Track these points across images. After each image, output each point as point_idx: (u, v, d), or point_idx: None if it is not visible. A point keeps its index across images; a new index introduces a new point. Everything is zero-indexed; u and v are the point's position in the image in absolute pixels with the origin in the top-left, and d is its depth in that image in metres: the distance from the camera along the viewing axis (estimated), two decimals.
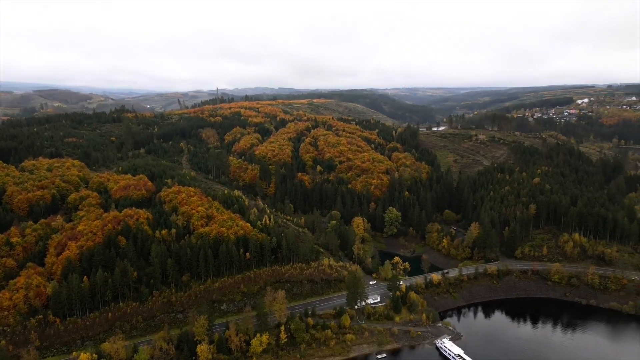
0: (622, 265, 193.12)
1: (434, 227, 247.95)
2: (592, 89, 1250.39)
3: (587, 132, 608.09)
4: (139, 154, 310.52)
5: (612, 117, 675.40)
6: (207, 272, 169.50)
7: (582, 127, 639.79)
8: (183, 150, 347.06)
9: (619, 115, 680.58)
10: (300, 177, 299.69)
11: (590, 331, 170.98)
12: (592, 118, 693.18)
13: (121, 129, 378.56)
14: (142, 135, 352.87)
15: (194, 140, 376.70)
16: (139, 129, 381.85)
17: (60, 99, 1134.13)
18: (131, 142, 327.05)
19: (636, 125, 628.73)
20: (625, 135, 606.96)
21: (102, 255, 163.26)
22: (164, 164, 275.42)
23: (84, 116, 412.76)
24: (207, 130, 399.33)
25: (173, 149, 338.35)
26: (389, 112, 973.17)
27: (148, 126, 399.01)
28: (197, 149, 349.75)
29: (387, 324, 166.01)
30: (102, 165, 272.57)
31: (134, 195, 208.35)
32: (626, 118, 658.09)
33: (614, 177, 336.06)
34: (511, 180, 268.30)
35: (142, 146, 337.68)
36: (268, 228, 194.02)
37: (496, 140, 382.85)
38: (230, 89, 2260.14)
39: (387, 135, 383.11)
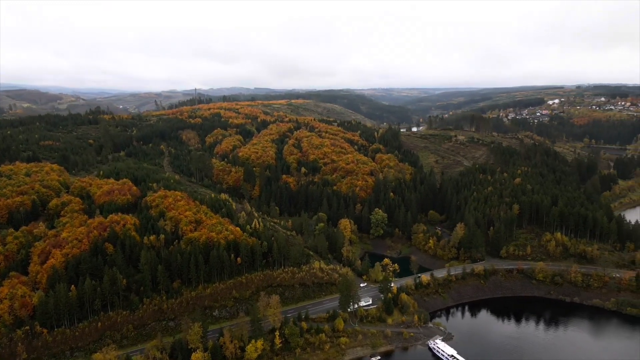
0: (603, 263, 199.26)
1: (420, 227, 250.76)
2: (562, 90, 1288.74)
3: (560, 132, 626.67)
4: (119, 157, 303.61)
5: (582, 118, 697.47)
6: (198, 278, 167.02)
7: (555, 127, 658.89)
8: (164, 153, 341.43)
9: (589, 115, 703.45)
10: (285, 179, 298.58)
11: (576, 328, 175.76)
12: (564, 118, 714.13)
13: (98, 131, 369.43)
14: (121, 138, 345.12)
15: (175, 142, 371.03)
16: (117, 131, 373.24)
17: (29, 100, 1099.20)
18: (110, 145, 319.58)
19: (606, 125, 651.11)
20: (596, 135, 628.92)
21: (90, 263, 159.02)
22: (147, 168, 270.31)
23: (58, 118, 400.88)
24: (188, 132, 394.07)
25: (153, 152, 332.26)
26: (367, 113, 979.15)
27: (126, 128, 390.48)
28: (178, 152, 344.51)
29: (380, 326, 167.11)
30: (81, 169, 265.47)
31: (118, 200, 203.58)
32: (596, 118, 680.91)
33: (588, 176, 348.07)
34: (493, 181, 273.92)
35: (122, 149, 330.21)
36: (258, 232, 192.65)
37: (475, 141, 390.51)
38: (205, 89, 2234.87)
39: (369, 136, 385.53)
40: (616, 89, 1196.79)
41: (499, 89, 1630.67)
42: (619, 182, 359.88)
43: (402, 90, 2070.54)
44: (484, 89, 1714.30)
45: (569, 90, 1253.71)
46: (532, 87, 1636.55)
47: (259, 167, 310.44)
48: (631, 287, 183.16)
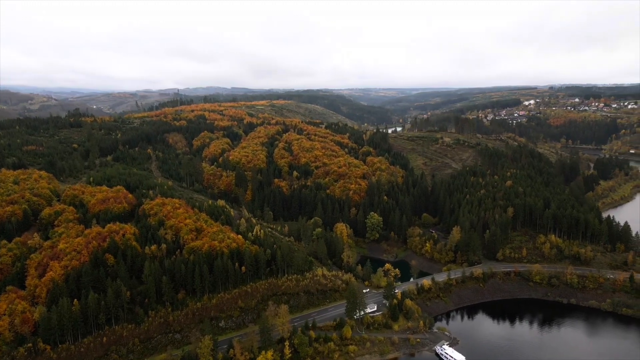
0: (597, 265, 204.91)
1: (415, 231, 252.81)
2: (536, 90, 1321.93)
3: (537, 132, 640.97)
4: (106, 162, 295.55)
5: (558, 118, 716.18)
6: (203, 289, 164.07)
7: (533, 127, 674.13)
8: (151, 157, 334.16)
9: (565, 116, 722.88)
10: (277, 183, 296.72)
11: (576, 329, 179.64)
12: (541, 119, 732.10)
13: (81, 134, 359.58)
14: (107, 142, 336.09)
15: (161, 145, 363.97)
16: (101, 134, 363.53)
17: None
18: (97, 149, 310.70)
19: (581, 125, 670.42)
20: (572, 136, 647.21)
21: (91, 275, 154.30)
22: (138, 173, 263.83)
23: (38, 121, 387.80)
24: (174, 135, 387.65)
25: (141, 156, 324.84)
26: (347, 113, 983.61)
27: (110, 131, 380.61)
28: (166, 156, 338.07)
29: (387, 333, 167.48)
30: (69, 175, 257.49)
31: (114, 208, 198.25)
32: (572, 119, 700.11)
33: (571, 177, 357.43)
34: (485, 184, 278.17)
35: (108, 153, 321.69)
36: (260, 240, 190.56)
37: (461, 142, 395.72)
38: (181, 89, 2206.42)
39: (358, 139, 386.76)
40: (587, 89, 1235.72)
41: (475, 89, 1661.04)
42: (601, 182, 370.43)
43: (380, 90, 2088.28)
44: (460, 89, 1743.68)
45: (543, 91, 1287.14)
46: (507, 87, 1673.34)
47: (250, 171, 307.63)
48: (625, 288, 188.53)
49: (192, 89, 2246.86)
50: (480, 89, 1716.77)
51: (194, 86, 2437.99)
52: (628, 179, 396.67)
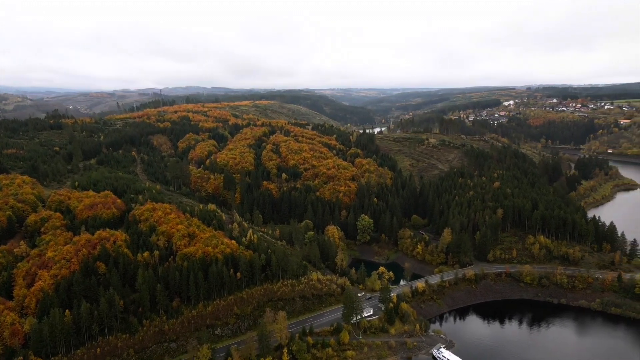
0: (585, 265, 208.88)
1: (406, 233, 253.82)
2: (514, 91, 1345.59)
3: (518, 132, 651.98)
4: (90, 165, 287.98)
5: (538, 119, 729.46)
6: (198, 296, 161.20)
7: (514, 128, 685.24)
8: (136, 160, 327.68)
9: (544, 116, 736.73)
10: (266, 185, 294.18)
11: (567, 329, 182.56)
12: (521, 119, 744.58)
13: (62, 136, 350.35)
14: (90, 144, 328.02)
15: (146, 148, 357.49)
16: (83, 136, 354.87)
17: None
18: (80, 152, 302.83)
19: (560, 126, 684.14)
20: (552, 136, 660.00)
21: (82, 284, 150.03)
22: (125, 177, 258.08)
23: (17, 123, 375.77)
24: (158, 137, 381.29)
25: (126, 159, 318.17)
26: (330, 114, 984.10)
27: (92, 133, 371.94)
28: (151, 158, 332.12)
29: (384, 337, 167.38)
30: (52, 179, 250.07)
31: (103, 214, 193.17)
32: (550, 119, 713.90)
33: (554, 177, 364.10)
34: (474, 185, 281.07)
35: (91, 156, 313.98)
36: (254, 244, 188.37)
37: (447, 144, 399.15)
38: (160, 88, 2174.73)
39: (345, 140, 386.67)
40: (563, 90, 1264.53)
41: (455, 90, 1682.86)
42: (583, 182, 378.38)
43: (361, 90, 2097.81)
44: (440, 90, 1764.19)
45: (521, 91, 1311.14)
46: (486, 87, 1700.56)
47: (238, 174, 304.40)
48: (614, 287, 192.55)
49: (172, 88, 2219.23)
50: (460, 89, 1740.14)
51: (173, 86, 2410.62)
52: (608, 179, 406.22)
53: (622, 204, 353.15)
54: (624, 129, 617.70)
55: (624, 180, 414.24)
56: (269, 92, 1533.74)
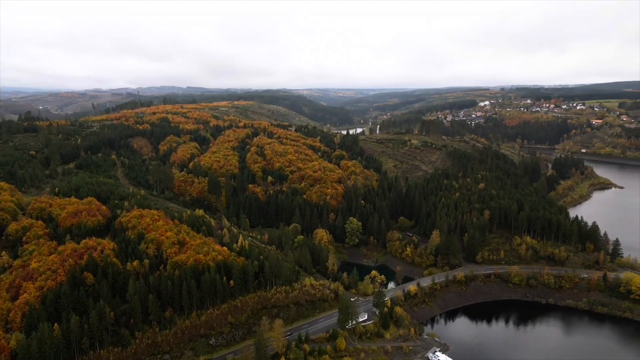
0: (571, 265, 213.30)
1: (395, 235, 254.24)
2: (488, 92, 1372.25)
3: (495, 133, 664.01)
4: (69, 170, 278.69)
5: (513, 119, 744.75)
6: (191, 305, 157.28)
7: (490, 128, 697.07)
8: (116, 164, 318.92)
9: (519, 117, 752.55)
10: (252, 189, 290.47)
11: (556, 328, 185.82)
12: (497, 120, 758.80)
13: (37, 140, 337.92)
14: (68, 148, 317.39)
15: (126, 151, 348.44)
16: (60, 139, 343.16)
17: None
18: (57, 156, 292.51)
19: (535, 126, 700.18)
20: (527, 136, 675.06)
21: (71, 296, 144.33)
22: (107, 182, 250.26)
23: None
24: (138, 139, 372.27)
25: (106, 163, 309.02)
26: (309, 114, 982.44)
27: (69, 136, 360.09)
28: (132, 162, 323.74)
29: (379, 342, 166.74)
30: (30, 185, 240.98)
31: (88, 222, 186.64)
32: (526, 119, 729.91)
33: (534, 177, 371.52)
34: (459, 187, 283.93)
35: (69, 160, 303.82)
36: (246, 251, 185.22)
37: (429, 145, 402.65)
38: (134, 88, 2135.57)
39: (329, 142, 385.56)
40: (535, 90, 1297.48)
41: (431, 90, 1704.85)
42: (561, 182, 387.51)
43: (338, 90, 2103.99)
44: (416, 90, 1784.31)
45: (495, 92, 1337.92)
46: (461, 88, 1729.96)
47: (223, 177, 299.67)
48: (600, 287, 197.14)
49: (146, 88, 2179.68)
50: (436, 89, 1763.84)
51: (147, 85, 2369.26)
52: (584, 178, 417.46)
53: (598, 203, 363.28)
54: (596, 129, 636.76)
55: (599, 179, 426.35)
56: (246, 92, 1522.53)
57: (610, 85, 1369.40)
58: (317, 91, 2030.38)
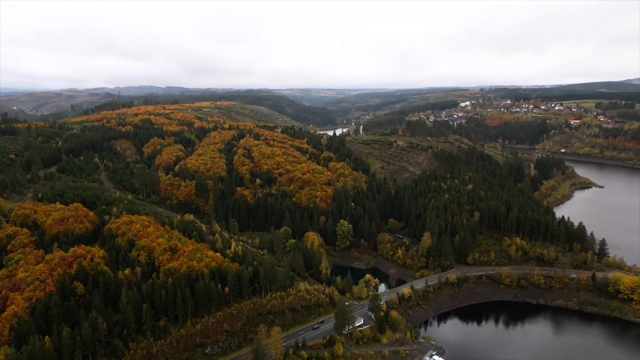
0: (561, 265, 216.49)
1: (385, 237, 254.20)
2: (468, 92, 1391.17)
3: (478, 133, 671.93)
4: (52, 174, 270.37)
5: (494, 119, 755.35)
6: (186, 314, 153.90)
7: (472, 129, 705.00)
8: (99, 167, 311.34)
9: (500, 117, 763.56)
10: (240, 192, 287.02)
11: (547, 328, 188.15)
12: (479, 120, 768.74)
13: (16, 143, 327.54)
14: (49, 151, 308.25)
15: (109, 153, 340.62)
16: (40, 142, 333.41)
17: None
18: (39, 160, 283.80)
19: (515, 126, 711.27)
20: (508, 136, 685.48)
21: (61, 307, 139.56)
22: (92, 187, 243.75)
23: None
24: (121, 141, 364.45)
25: (89, 166, 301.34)
26: (292, 115, 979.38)
27: (49, 138, 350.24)
28: (116, 165, 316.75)
29: (376, 347, 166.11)
30: (12, 191, 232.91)
31: (75, 229, 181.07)
32: (506, 120, 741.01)
33: (518, 178, 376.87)
34: (448, 188, 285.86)
35: (51, 164, 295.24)
36: (240, 257, 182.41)
37: (415, 146, 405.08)
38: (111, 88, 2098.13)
39: (317, 143, 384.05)
40: (513, 91, 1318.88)
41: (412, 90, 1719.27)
42: (544, 182, 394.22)
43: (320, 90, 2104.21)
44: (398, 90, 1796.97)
45: (475, 92, 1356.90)
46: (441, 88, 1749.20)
47: (210, 180, 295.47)
48: (589, 287, 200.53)
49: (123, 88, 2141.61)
50: (416, 89, 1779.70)
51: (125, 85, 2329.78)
52: (565, 178, 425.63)
53: (580, 202, 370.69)
54: (575, 129, 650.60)
55: (580, 179, 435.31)
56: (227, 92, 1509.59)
57: (585, 86, 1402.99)
58: (298, 91, 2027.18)
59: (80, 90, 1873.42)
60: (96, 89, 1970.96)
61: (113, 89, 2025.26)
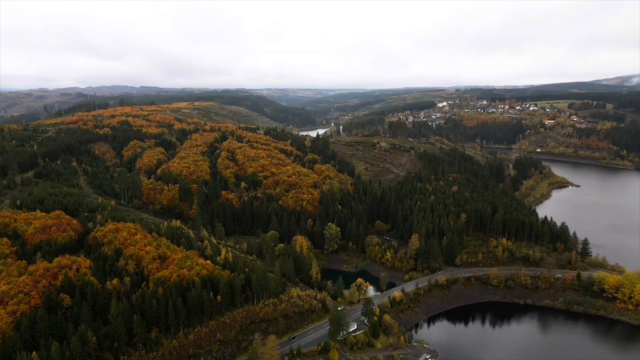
0: (546, 265, 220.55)
1: (373, 240, 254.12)
2: (444, 92, 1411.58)
3: (455, 134, 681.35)
4: (28, 179, 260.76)
5: (472, 120, 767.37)
6: (178, 324, 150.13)
7: (451, 129, 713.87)
8: (78, 171, 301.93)
9: (477, 118, 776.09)
10: (225, 195, 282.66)
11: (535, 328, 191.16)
12: (457, 121, 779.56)
13: None
14: (24, 155, 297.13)
15: (87, 157, 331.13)
16: (13, 146, 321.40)
17: None
18: (15, 165, 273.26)
19: (492, 127, 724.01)
20: (486, 136, 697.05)
21: (48, 321, 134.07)
22: (73, 193, 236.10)
23: None
24: (100, 144, 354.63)
25: (67, 171, 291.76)
26: (271, 115, 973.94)
27: (23, 142, 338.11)
28: (95, 169, 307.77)
29: (371, 352, 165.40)
30: None
31: (59, 238, 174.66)
32: (483, 120, 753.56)
33: (499, 178, 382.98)
34: (433, 190, 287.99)
35: (27, 169, 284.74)
36: (230, 264, 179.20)
37: (397, 147, 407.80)
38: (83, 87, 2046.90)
39: (300, 145, 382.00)
40: (488, 91, 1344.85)
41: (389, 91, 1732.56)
42: (523, 182, 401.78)
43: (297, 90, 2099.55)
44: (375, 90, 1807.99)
45: (451, 92, 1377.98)
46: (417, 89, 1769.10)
47: (194, 184, 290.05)
48: (574, 286, 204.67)
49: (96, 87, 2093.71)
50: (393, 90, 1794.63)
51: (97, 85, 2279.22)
52: (543, 177, 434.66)
53: (559, 202, 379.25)
54: (549, 129, 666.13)
55: (557, 178, 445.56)
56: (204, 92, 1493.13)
57: (557, 86, 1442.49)
58: (276, 91, 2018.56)
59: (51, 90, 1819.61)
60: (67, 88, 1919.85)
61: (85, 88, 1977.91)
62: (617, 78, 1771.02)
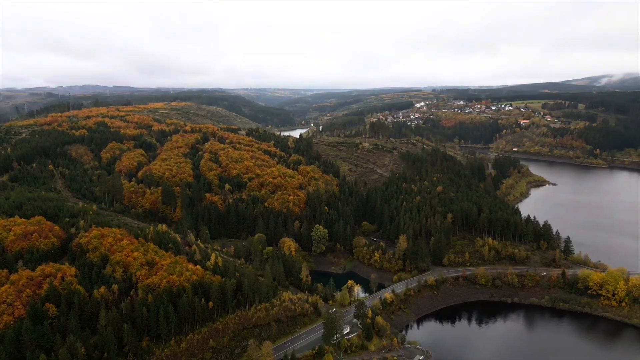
0: (532, 264, 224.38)
1: (361, 241, 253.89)
2: (421, 92, 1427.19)
3: (434, 134, 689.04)
4: (4, 183, 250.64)
5: (449, 120, 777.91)
6: (169, 332, 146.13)
7: (430, 129, 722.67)
8: (55, 175, 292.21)
9: (455, 118, 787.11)
10: (209, 198, 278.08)
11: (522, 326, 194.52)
12: (435, 121, 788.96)
13: None
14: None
15: (64, 160, 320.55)
16: None
17: None
18: None
19: (470, 127, 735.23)
20: (464, 136, 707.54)
21: (34, 332, 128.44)
22: (52, 197, 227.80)
23: None
24: (77, 147, 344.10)
25: (43, 174, 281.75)
26: (250, 115, 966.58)
27: None
28: (73, 172, 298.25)
29: (365, 355, 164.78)
30: None
31: (41, 245, 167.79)
32: (461, 120, 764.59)
33: (480, 177, 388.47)
34: (419, 190, 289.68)
35: (2, 172, 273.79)
36: (221, 268, 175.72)
37: (380, 147, 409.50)
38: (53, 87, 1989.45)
39: (284, 146, 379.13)
40: (463, 91, 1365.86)
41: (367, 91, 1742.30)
42: (503, 181, 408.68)
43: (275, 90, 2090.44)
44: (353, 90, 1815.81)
45: (427, 93, 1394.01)
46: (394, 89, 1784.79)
47: (177, 186, 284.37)
48: (559, 284, 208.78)
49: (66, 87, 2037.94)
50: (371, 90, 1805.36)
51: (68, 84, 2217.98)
52: (521, 176, 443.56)
53: (537, 200, 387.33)
54: (525, 128, 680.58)
55: (534, 177, 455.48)
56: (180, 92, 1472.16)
57: (530, 87, 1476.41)
58: (253, 91, 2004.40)
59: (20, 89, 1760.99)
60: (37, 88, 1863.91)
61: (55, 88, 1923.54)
62: (587, 79, 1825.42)
